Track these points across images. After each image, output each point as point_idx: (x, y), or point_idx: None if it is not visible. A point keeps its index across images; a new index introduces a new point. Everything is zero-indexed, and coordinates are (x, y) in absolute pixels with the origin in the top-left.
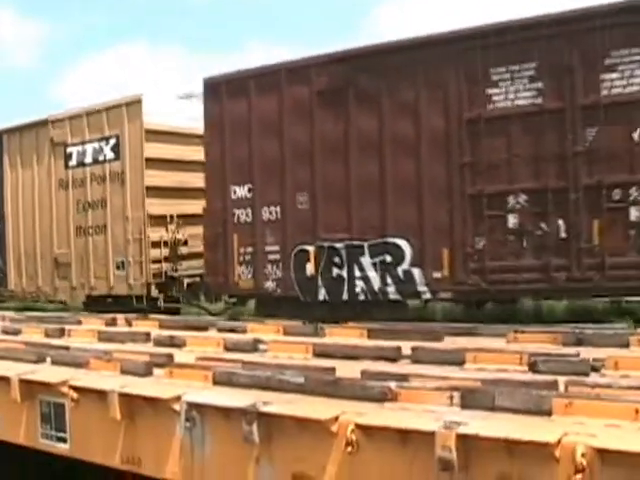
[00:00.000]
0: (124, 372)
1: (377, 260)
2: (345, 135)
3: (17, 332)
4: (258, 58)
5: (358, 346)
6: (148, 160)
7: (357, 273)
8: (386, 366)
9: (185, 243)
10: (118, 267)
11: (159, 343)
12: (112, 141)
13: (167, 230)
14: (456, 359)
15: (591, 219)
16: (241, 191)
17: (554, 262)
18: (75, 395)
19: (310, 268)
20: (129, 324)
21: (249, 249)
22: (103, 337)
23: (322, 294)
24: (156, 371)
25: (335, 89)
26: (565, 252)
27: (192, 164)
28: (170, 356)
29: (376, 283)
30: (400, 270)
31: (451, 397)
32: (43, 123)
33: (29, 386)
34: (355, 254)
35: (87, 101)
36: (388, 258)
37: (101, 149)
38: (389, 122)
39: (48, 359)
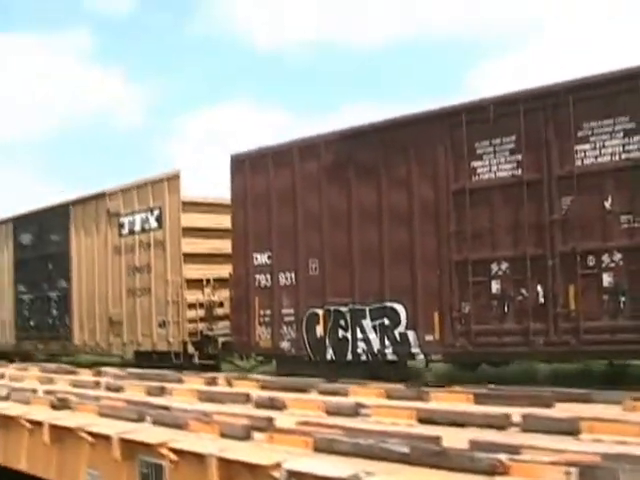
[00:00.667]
0: (223, 435)
1: (377, 323)
2: (348, 206)
3: (119, 389)
4: (356, 118)
5: (464, 412)
6: (185, 229)
7: (359, 335)
8: (495, 435)
9: (221, 305)
10: (160, 326)
11: (259, 405)
12: (156, 212)
13: (203, 293)
14: (570, 429)
15: (567, 285)
16: (262, 258)
17: (533, 326)
18: (174, 457)
19: (319, 330)
20: (229, 384)
21: (268, 311)
22: (203, 397)
23: (330, 354)
24: (256, 435)
25: (339, 164)
26: (543, 317)
27: (226, 231)
28: (270, 420)
29: (376, 345)
30: (397, 333)
31: (568, 473)
32: (101, 196)
33: (129, 445)
34: (358, 317)
35: (190, 159)
36: (386, 321)
37: (147, 219)
38: (386, 194)
39: (148, 418)
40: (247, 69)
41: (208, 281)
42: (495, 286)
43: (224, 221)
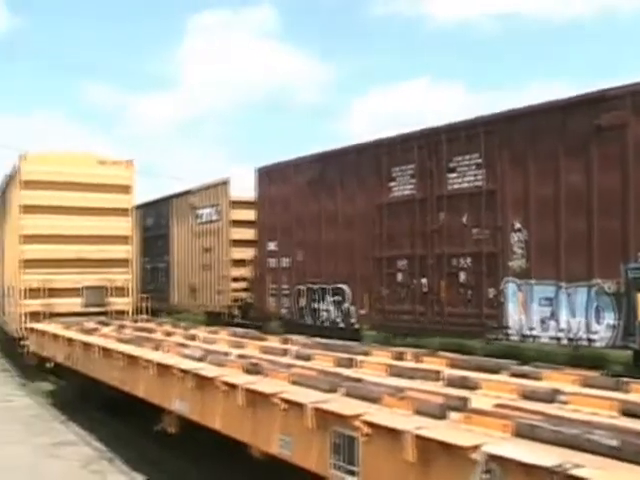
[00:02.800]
0: (418, 412)
1: (334, 299)
2: (319, 212)
3: (308, 358)
4: (537, 96)
5: None
6: (233, 221)
7: (323, 307)
8: None
9: None
10: (218, 293)
11: (450, 383)
12: (217, 208)
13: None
14: None
15: (439, 279)
16: (272, 246)
17: (418, 309)
18: (368, 430)
19: (302, 301)
20: (418, 360)
21: (274, 286)
22: (393, 372)
23: (308, 319)
24: (451, 414)
25: (316, 180)
26: (425, 302)
27: None
28: (465, 400)
29: (333, 314)
30: (344, 307)
31: None
32: (188, 193)
33: (323, 415)
34: (323, 294)
35: (370, 135)
36: (338, 298)
37: (212, 213)
38: (340, 205)
39: (341, 390)
40: (429, 46)
41: (251, 261)
42: (399, 277)
43: None
